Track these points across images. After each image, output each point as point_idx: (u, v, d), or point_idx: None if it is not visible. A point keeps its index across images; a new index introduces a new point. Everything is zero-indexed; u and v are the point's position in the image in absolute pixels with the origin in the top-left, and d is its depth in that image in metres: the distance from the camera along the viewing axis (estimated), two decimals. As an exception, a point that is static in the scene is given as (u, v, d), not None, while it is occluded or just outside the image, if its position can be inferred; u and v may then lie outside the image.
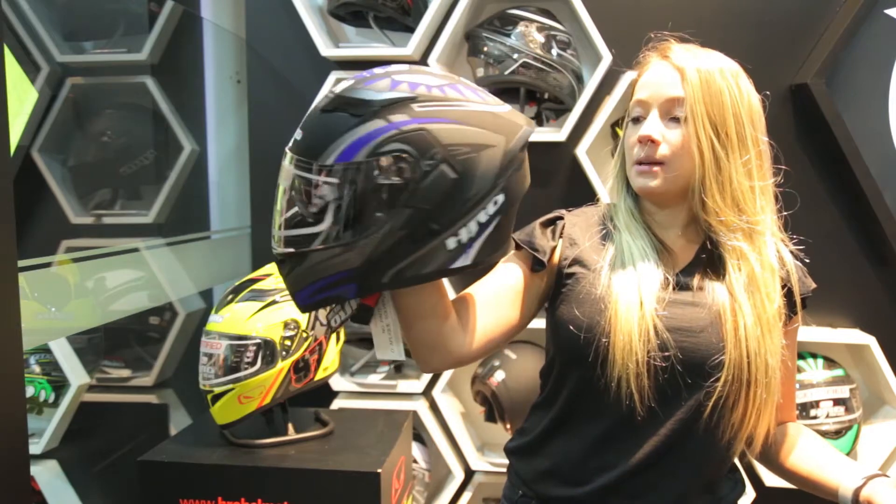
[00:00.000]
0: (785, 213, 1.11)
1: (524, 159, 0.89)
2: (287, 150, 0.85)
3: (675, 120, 1.03)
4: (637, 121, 1.07)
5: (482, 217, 0.82)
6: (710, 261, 1.06)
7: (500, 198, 0.83)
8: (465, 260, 0.83)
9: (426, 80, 0.82)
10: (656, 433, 1.03)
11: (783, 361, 1.04)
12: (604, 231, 1.11)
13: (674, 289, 1.04)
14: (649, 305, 1.01)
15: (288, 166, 0.84)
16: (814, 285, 1.13)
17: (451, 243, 0.82)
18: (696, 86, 1.02)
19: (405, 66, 0.87)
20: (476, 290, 1.08)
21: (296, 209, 0.82)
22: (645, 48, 1.13)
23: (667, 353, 1.00)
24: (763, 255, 1.03)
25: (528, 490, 1.14)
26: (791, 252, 1.10)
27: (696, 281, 1.05)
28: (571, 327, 1.05)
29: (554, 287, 1.11)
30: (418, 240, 0.80)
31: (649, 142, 1.03)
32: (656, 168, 1.03)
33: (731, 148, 1.02)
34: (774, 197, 1.09)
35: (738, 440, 1.03)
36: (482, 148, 0.80)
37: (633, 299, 1.01)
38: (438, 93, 0.81)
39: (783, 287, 1.05)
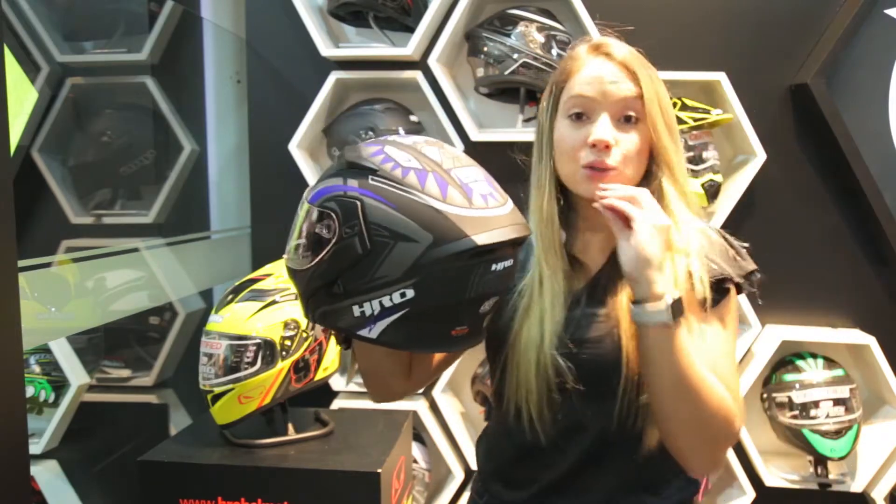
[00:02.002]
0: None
1: (464, 271, 0.83)
2: None
3: (628, 122, 0.99)
4: (579, 118, 1.01)
5: (386, 301, 0.84)
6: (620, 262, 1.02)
7: (410, 292, 0.82)
8: (368, 332, 0.86)
9: (404, 159, 0.86)
10: (572, 451, 1.03)
11: (703, 348, 0.97)
12: (528, 250, 1.07)
13: (585, 304, 1.02)
14: (548, 340, 0.99)
15: None
16: (750, 268, 1.02)
17: (356, 311, 0.85)
18: (651, 87, 0.99)
19: (411, 140, 0.90)
20: None
21: None
22: (576, 41, 1.08)
23: (566, 383, 0.99)
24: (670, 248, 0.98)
25: (483, 487, 1.16)
26: (724, 236, 1.05)
27: (604, 287, 1.03)
28: (486, 354, 1.09)
29: None
30: (331, 293, 0.87)
31: (604, 147, 0.98)
32: (611, 174, 0.98)
33: (677, 145, 1.01)
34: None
35: (651, 439, 1.00)
36: (402, 238, 0.81)
37: (531, 334, 1.00)
38: (398, 174, 0.84)
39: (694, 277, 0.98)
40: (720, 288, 0.99)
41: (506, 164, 1.14)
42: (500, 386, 1.06)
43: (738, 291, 1.02)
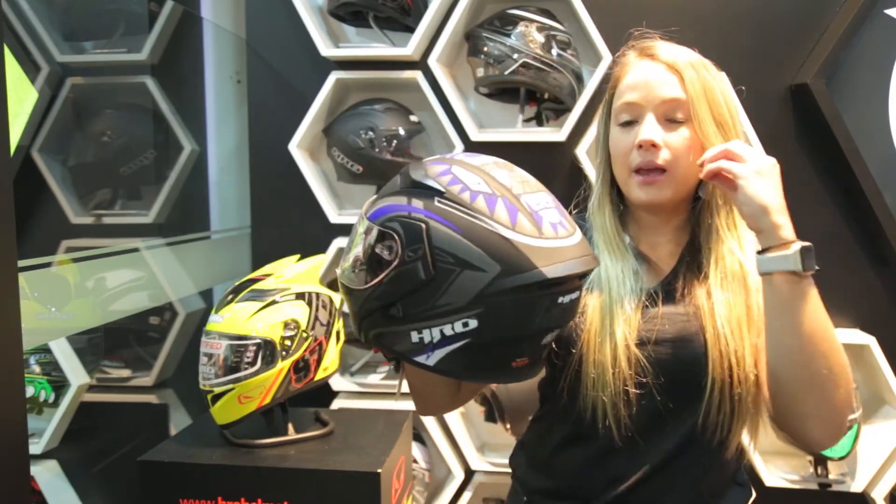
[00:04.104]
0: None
1: (530, 303, 0.81)
2: None
3: (675, 122, 1.00)
4: (629, 125, 1.03)
5: (447, 330, 0.81)
6: (693, 262, 1.04)
7: (473, 322, 0.79)
8: (425, 360, 0.83)
9: (473, 181, 0.83)
10: (651, 453, 1.01)
11: None
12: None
13: (662, 302, 1.02)
14: (622, 336, 0.98)
15: None
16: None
17: (414, 337, 0.82)
18: (697, 84, 1.00)
19: (480, 161, 0.87)
20: None
21: None
22: (624, 47, 1.10)
23: (645, 380, 0.98)
24: (742, 243, 1.02)
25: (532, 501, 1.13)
26: None
27: (680, 286, 1.03)
28: (550, 355, 1.06)
29: None
30: (389, 316, 0.84)
31: (651, 146, 0.99)
32: (661, 177, 1.00)
33: (735, 139, 1.01)
34: None
35: (732, 442, 1.00)
36: (468, 266, 0.78)
37: (605, 329, 0.99)
38: (467, 198, 0.81)
39: None
40: None
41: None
42: (574, 386, 1.03)
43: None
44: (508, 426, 2.08)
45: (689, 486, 1.03)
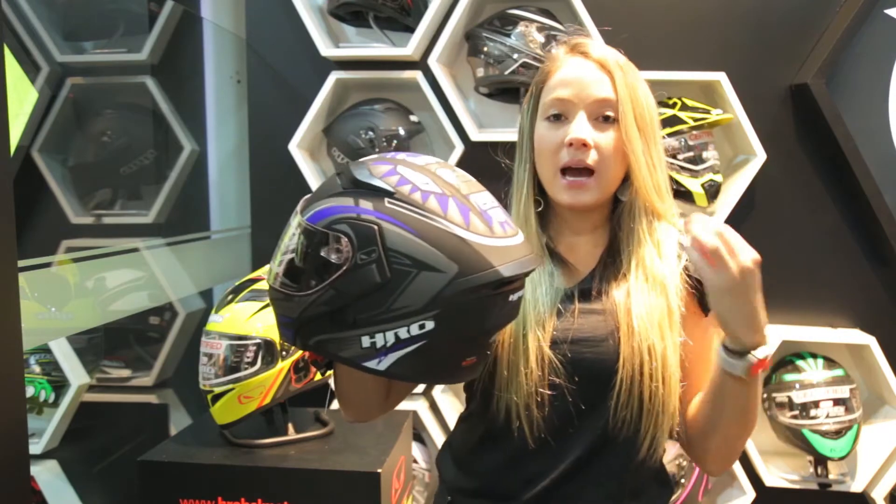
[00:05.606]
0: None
1: (486, 303, 0.80)
2: None
3: (606, 121, 1.00)
4: (557, 119, 1.02)
5: (402, 333, 0.79)
6: (612, 264, 1.04)
7: (430, 324, 0.78)
8: (376, 365, 0.81)
9: (422, 181, 0.81)
10: (564, 453, 1.01)
11: (700, 355, 1.02)
12: None
13: (578, 301, 1.02)
14: (534, 338, 0.98)
15: None
16: None
17: (366, 342, 0.80)
18: (625, 86, 1.00)
19: (423, 161, 0.85)
20: None
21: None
22: (555, 42, 1.11)
23: (558, 381, 0.98)
24: (660, 248, 1.02)
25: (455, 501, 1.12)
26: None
27: (598, 287, 1.03)
28: None
29: None
30: (336, 322, 0.81)
31: (581, 146, 0.98)
32: (588, 181, 0.99)
33: (654, 144, 1.02)
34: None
35: (643, 441, 0.99)
36: (426, 267, 0.77)
37: (518, 332, 0.99)
38: (418, 198, 0.79)
39: (692, 279, 1.01)
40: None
41: (506, 165, 1.14)
42: (488, 387, 1.03)
43: None
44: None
45: (609, 484, 1.02)
